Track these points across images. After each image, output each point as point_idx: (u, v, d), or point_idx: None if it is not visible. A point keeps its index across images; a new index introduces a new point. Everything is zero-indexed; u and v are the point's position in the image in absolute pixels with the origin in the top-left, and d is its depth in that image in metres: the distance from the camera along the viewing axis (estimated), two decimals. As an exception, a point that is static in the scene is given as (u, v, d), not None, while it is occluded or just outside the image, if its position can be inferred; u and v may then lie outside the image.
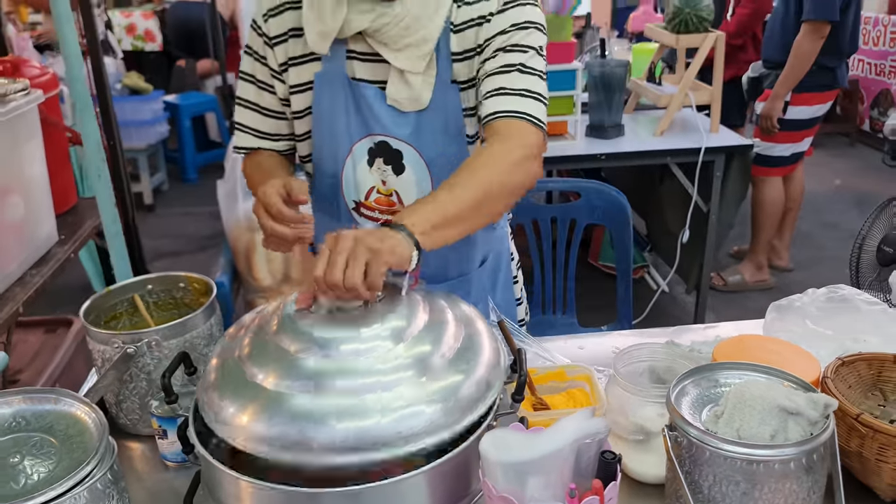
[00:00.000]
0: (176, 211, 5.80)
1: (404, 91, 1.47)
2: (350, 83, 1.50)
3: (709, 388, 1.19)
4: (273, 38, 1.52)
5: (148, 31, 7.25)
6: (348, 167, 1.55)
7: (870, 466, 1.21)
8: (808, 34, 3.73)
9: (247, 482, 1.00)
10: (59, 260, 2.41)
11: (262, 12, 1.53)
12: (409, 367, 1.06)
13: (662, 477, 1.22)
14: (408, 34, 1.43)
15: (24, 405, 1.14)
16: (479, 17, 1.47)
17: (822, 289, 1.64)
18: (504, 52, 1.44)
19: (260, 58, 1.56)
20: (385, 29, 1.42)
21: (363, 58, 1.49)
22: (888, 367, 1.36)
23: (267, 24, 1.52)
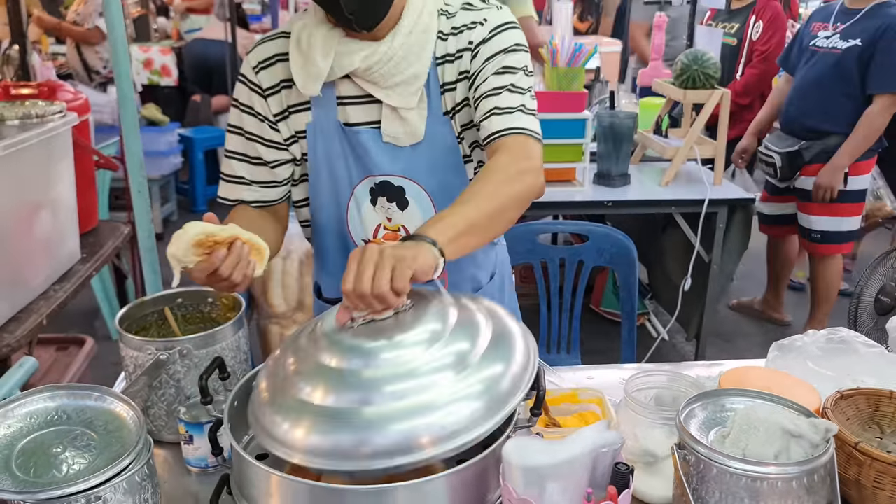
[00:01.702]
0: (184, 241, 5.83)
1: (400, 127, 1.51)
2: (343, 129, 1.53)
3: (716, 411, 1.24)
4: (266, 89, 1.54)
5: (164, 66, 7.37)
6: (352, 209, 1.59)
7: (867, 494, 1.26)
8: (888, 108, 3.60)
9: (278, 477, 1.05)
10: (81, 277, 2.48)
11: (252, 65, 1.55)
12: (447, 366, 1.10)
13: (669, 499, 1.26)
14: (398, 72, 1.46)
15: (66, 400, 1.20)
16: (465, 47, 1.50)
17: (823, 331, 1.70)
18: (495, 75, 1.47)
19: (248, 109, 1.56)
20: (375, 67, 1.45)
21: (354, 101, 1.52)
22: (885, 403, 1.41)
23: (258, 76, 1.54)
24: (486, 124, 1.45)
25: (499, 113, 1.44)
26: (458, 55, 1.51)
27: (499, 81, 1.46)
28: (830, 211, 3.85)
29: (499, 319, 1.23)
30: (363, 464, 1.03)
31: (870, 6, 3.63)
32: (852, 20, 3.67)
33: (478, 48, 1.49)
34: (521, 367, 1.14)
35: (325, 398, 1.08)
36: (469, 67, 1.51)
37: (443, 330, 1.15)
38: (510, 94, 1.45)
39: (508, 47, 1.49)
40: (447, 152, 1.55)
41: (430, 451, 1.03)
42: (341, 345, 1.14)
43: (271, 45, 1.55)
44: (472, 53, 1.50)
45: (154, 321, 1.62)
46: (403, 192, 1.56)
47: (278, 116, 1.56)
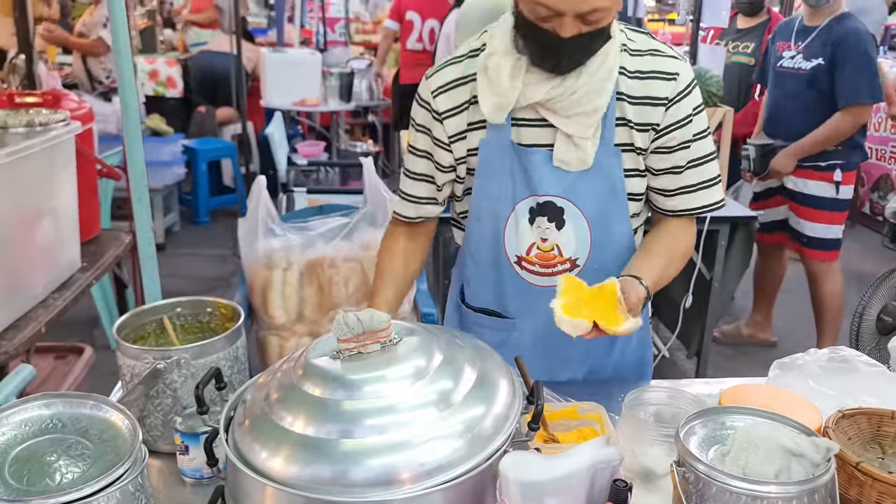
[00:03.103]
0: (185, 252, 5.84)
1: (573, 154, 1.55)
2: (516, 148, 1.57)
3: (716, 429, 1.23)
4: (442, 113, 1.60)
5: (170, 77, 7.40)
6: (510, 225, 1.63)
7: (868, 515, 1.25)
8: (854, 116, 3.68)
9: (274, 489, 1.04)
10: (81, 286, 2.47)
11: (431, 90, 1.61)
12: (430, 403, 1.09)
13: (667, 516, 1.26)
14: (579, 105, 1.50)
15: (62, 408, 1.18)
16: (655, 97, 1.55)
17: (825, 349, 1.69)
18: (690, 145, 1.59)
19: (426, 130, 1.64)
20: (558, 99, 1.49)
21: (529, 124, 1.57)
22: (887, 423, 1.40)
23: (435, 100, 1.61)
24: (674, 202, 1.64)
25: (687, 191, 1.63)
26: (644, 101, 1.55)
27: (690, 154, 1.60)
28: (820, 217, 3.92)
29: (485, 360, 1.22)
30: (340, 496, 1.01)
31: (825, 22, 3.70)
32: (810, 38, 3.74)
33: (673, 106, 1.56)
34: (504, 409, 1.13)
35: (305, 427, 1.07)
36: (660, 122, 1.56)
37: (427, 367, 1.14)
38: (700, 167, 1.62)
39: (697, 109, 1.59)
40: (611, 181, 1.59)
41: (409, 487, 1.01)
42: (325, 375, 1.13)
43: (450, 71, 1.61)
44: (664, 109, 1.56)
45: (153, 330, 1.62)
46: (563, 212, 1.60)
47: (453, 138, 1.62)
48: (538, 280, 1.65)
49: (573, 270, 1.63)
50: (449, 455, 1.04)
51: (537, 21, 1.40)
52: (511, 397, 1.17)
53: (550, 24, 1.39)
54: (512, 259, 1.65)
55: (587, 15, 1.37)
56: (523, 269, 1.65)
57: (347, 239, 2.78)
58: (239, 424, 1.16)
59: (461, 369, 1.17)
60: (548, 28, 1.40)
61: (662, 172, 1.62)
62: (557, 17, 1.37)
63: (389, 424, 1.06)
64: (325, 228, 2.80)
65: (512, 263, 1.65)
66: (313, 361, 1.17)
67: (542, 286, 1.64)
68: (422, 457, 1.03)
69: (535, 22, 1.40)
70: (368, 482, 1.02)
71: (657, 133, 1.58)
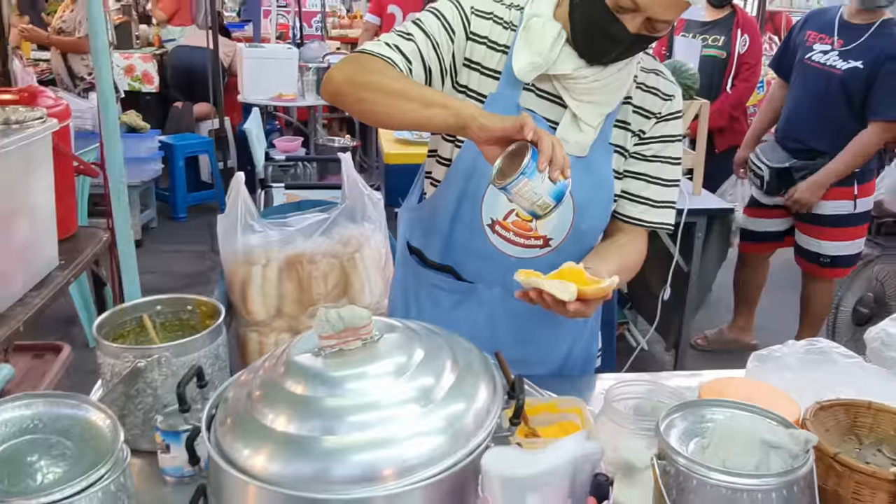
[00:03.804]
0: (163, 248, 5.80)
1: (574, 134, 1.57)
2: (520, 111, 1.56)
3: (695, 422, 1.23)
4: (472, 33, 1.57)
5: (146, 73, 7.34)
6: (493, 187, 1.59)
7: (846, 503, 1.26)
8: (882, 133, 3.52)
9: (256, 487, 1.03)
10: (59, 284, 2.45)
11: (472, 6, 1.57)
12: (411, 399, 1.09)
13: (648, 508, 1.26)
14: (594, 93, 1.55)
15: (42, 408, 1.17)
16: (650, 110, 1.64)
17: (802, 341, 1.70)
18: (662, 162, 1.67)
19: (449, 29, 1.55)
20: (580, 80, 1.53)
21: (540, 94, 1.58)
22: (863, 414, 1.42)
23: (471, 16, 1.56)
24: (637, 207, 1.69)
25: (651, 205, 1.68)
26: (640, 111, 1.64)
27: (662, 172, 1.68)
28: (841, 235, 3.76)
29: (466, 355, 1.22)
30: (322, 493, 1.01)
31: (877, 24, 3.51)
32: (856, 40, 3.54)
33: (659, 123, 1.65)
34: (485, 404, 1.13)
35: (287, 425, 1.06)
36: (646, 131, 1.65)
37: (408, 363, 1.14)
38: (663, 188, 1.68)
39: (676, 136, 1.68)
40: (601, 175, 1.63)
41: (391, 483, 1.01)
42: (307, 372, 1.13)
43: (493, 4, 1.59)
44: (654, 121, 1.65)
45: (132, 328, 1.60)
46: None
47: (467, 63, 1.59)
48: (506, 248, 1.64)
49: (543, 248, 1.64)
50: (431, 451, 1.04)
51: (613, 8, 1.41)
52: (492, 393, 1.17)
53: (624, 15, 1.41)
54: (485, 221, 1.63)
55: (657, 22, 1.42)
56: (495, 233, 1.64)
57: (326, 234, 2.77)
58: (221, 422, 1.15)
59: (442, 365, 1.16)
60: (618, 17, 1.42)
61: (632, 176, 1.67)
62: (635, 12, 1.40)
63: (371, 421, 1.06)
64: (303, 224, 2.79)
65: (484, 225, 1.63)
66: (295, 358, 1.17)
67: (508, 255, 1.64)
68: (404, 453, 1.03)
69: (612, 7, 1.41)
70: (351, 479, 1.01)
71: (640, 140, 1.65)
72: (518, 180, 1.27)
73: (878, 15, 3.54)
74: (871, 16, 3.55)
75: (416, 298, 1.81)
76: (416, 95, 1.40)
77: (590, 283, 1.38)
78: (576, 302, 1.36)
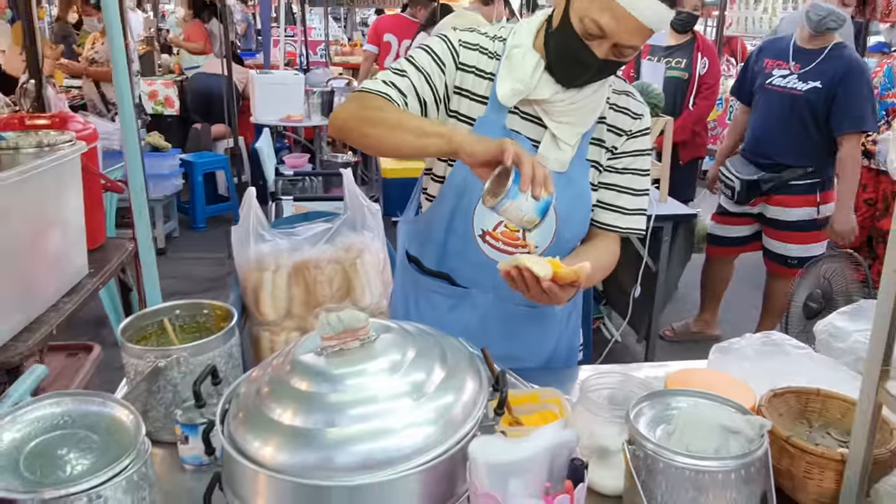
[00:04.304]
0: (184, 255, 5.78)
1: (555, 153, 1.57)
2: (507, 132, 1.57)
3: (662, 410, 1.23)
4: (461, 63, 1.57)
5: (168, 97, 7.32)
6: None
7: (797, 483, 1.26)
8: (857, 143, 3.51)
9: (265, 475, 1.03)
10: (88, 290, 2.44)
11: (459, 38, 1.58)
12: (405, 393, 1.08)
13: (620, 489, 1.25)
14: (571, 115, 1.55)
15: (71, 405, 1.16)
16: (621, 128, 1.63)
17: (758, 334, 1.71)
18: (632, 174, 1.66)
19: (440, 63, 1.56)
20: (557, 104, 1.53)
21: (524, 116, 1.58)
22: (813, 400, 1.42)
23: (459, 49, 1.57)
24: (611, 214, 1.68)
25: (624, 212, 1.67)
26: (613, 129, 1.64)
27: (632, 183, 1.67)
28: (807, 239, 3.77)
29: (454, 352, 1.21)
30: (325, 481, 1.00)
31: (829, 47, 3.52)
32: (812, 63, 3.55)
33: (630, 140, 1.65)
34: (472, 396, 1.12)
35: (293, 418, 1.06)
36: (618, 146, 1.65)
37: (402, 360, 1.13)
38: (635, 197, 1.67)
39: (645, 150, 1.67)
40: (579, 188, 1.62)
41: (388, 470, 1.00)
42: (311, 370, 1.12)
43: (479, 37, 1.59)
44: (625, 138, 1.64)
45: (154, 331, 1.59)
46: None
47: (458, 91, 1.58)
48: (496, 256, 1.63)
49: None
50: (423, 440, 1.04)
51: (583, 35, 1.41)
52: (478, 386, 1.16)
53: (592, 42, 1.41)
54: (477, 232, 1.63)
55: (623, 48, 1.42)
56: (486, 242, 1.63)
57: (330, 242, 2.75)
58: (233, 416, 1.14)
59: (433, 362, 1.16)
60: (587, 44, 1.42)
61: (605, 187, 1.66)
62: (602, 38, 1.40)
63: (369, 414, 1.05)
64: (309, 233, 2.78)
65: (476, 236, 1.63)
66: (300, 358, 1.16)
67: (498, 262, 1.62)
68: (399, 443, 1.02)
69: (581, 35, 1.41)
70: (351, 467, 1.01)
71: (613, 155, 1.65)
72: (503, 202, 1.28)
73: (828, 39, 3.55)
74: (823, 40, 3.56)
75: (416, 302, 1.80)
76: (412, 127, 1.40)
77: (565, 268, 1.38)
78: (549, 281, 1.34)
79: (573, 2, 1.41)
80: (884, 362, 1.10)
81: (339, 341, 1.16)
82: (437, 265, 1.74)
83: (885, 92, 4.36)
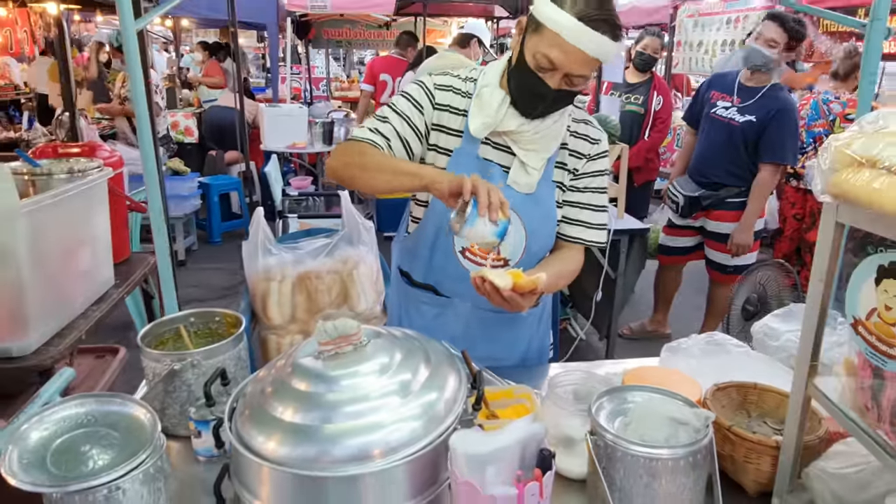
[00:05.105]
0: (202, 266, 5.72)
1: (523, 177, 1.56)
2: (480, 161, 1.57)
3: (620, 404, 1.22)
4: (437, 104, 1.58)
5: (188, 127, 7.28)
6: None
7: (738, 466, 1.25)
8: (774, 172, 3.56)
9: (268, 468, 1.00)
10: (114, 300, 2.40)
11: (435, 83, 1.59)
12: (394, 392, 1.06)
13: (584, 474, 1.24)
14: (536, 143, 1.54)
15: (95, 406, 1.14)
16: (581, 152, 1.62)
17: (703, 334, 1.70)
18: (592, 192, 1.65)
19: (418, 105, 1.57)
20: (523, 134, 1.52)
21: (495, 146, 1.57)
22: (751, 393, 1.41)
23: (435, 92, 1.58)
24: (575, 229, 1.65)
25: (587, 227, 1.66)
26: (574, 153, 1.62)
27: (594, 200, 1.65)
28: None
29: (437, 354, 1.19)
30: (322, 472, 0.98)
31: (766, 87, 3.55)
32: (750, 99, 3.57)
33: (589, 162, 1.63)
34: (453, 393, 1.10)
35: (293, 416, 1.03)
36: (579, 168, 1.63)
37: (391, 363, 1.11)
38: (596, 213, 1.66)
39: (604, 171, 1.66)
40: (546, 207, 1.62)
41: (379, 461, 0.98)
42: (309, 372, 1.10)
43: (451, 79, 1.60)
44: (585, 160, 1.63)
45: (171, 336, 1.56)
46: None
47: (435, 127, 1.58)
48: (475, 269, 1.60)
49: (504, 267, 1.62)
50: (410, 434, 1.02)
51: (536, 69, 1.41)
52: (458, 384, 1.14)
53: (544, 74, 1.41)
54: (457, 248, 1.63)
55: (573, 77, 1.41)
56: (465, 258, 1.63)
57: (330, 255, 2.73)
58: (240, 414, 1.11)
59: (418, 363, 1.14)
60: (541, 77, 1.42)
61: (569, 205, 1.65)
62: (552, 70, 1.40)
63: (362, 411, 1.03)
64: (311, 248, 2.75)
65: (456, 252, 1.63)
66: (299, 361, 1.14)
67: None
68: (388, 437, 1.00)
69: (534, 69, 1.42)
70: (346, 459, 0.98)
71: (575, 176, 1.64)
72: (465, 228, 1.29)
73: (767, 79, 3.58)
74: (762, 80, 3.58)
75: (406, 311, 1.79)
76: (390, 168, 1.43)
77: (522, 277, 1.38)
78: (510, 291, 1.35)
79: (527, 41, 1.43)
80: (812, 358, 1.10)
81: (334, 346, 1.14)
82: (424, 278, 1.73)
83: (811, 122, 4.39)
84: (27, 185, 2.22)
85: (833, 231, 1.02)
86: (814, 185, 1.01)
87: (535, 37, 1.40)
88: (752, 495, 1.27)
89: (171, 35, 11.71)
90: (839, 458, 1.16)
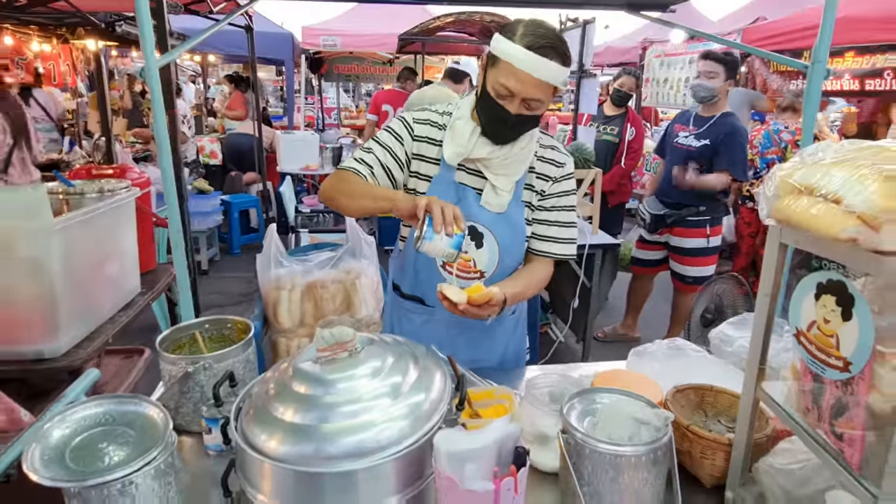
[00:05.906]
0: (224, 275, 5.69)
1: (494, 199, 1.56)
2: (457, 185, 1.56)
3: (589, 404, 1.20)
4: (416, 135, 1.57)
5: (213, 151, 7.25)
6: None
7: (696, 462, 1.23)
8: (726, 178, 3.57)
9: (269, 463, 0.98)
10: (140, 306, 2.37)
11: (414, 117, 1.59)
12: (385, 394, 1.04)
13: (557, 468, 1.22)
14: (506, 168, 1.54)
15: (112, 406, 1.11)
16: (548, 174, 1.61)
17: (665, 340, 1.68)
18: (559, 210, 1.63)
19: (398, 137, 1.57)
20: (494, 160, 1.52)
21: (469, 171, 1.57)
22: (708, 394, 1.39)
23: (414, 125, 1.58)
24: (545, 244, 1.64)
25: (556, 241, 1.64)
26: (541, 176, 1.61)
27: (562, 217, 1.64)
28: (699, 262, 3.78)
29: (424, 358, 1.17)
30: (319, 468, 0.95)
31: (717, 116, 3.60)
32: (704, 125, 3.63)
33: (555, 184, 1.61)
34: (438, 394, 1.08)
35: (293, 416, 1.01)
36: (546, 190, 1.61)
37: (382, 367, 1.09)
38: (565, 228, 1.64)
39: (570, 190, 1.64)
40: (517, 225, 1.60)
41: (371, 458, 0.96)
42: (308, 376, 1.08)
43: (429, 114, 1.59)
44: (551, 182, 1.61)
45: (187, 341, 1.54)
46: (482, 237, 1.58)
47: (415, 156, 1.58)
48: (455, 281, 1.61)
49: (480, 279, 1.60)
50: (399, 432, 1.00)
51: (496, 97, 1.41)
52: (443, 386, 1.12)
53: (504, 101, 1.41)
54: (438, 263, 1.62)
55: (531, 101, 1.41)
56: (446, 271, 1.61)
57: (335, 267, 2.71)
58: (245, 413, 1.09)
59: (407, 367, 1.12)
60: (501, 104, 1.41)
61: (538, 222, 1.64)
62: (511, 96, 1.40)
63: (356, 411, 1.01)
64: (318, 260, 2.74)
65: (438, 266, 1.62)
66: (300, 366, 1.11)
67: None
68: (379, 435, 0.98)
69: (495, 98, 1.42)
70: (341, 456, 0.96)
71: (542, 196, 1.62)
72: (422, 244, 1.29)
73: (718, 109, 3.62)
74: (713, 110, 3.63)
75: (398, 319, 1.78)
76: (369, 194, 1.45)
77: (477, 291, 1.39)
78: (465, 304, 1.36)
79: (488, 75, 1.44)
80: (760, 363, 1.08)
81: (331, 352, 1.12)
82: (412, 290, 1.72)
83: (764, 150, 4.40)
84: (62, 203, 2.20)
85: (777, 251, 1.01)
86: (760, 209, 1.00)
87: (494, 69, 1.42)
88: (707, 488, 1.25)
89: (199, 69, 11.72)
90: (785, 454, 1.14)
